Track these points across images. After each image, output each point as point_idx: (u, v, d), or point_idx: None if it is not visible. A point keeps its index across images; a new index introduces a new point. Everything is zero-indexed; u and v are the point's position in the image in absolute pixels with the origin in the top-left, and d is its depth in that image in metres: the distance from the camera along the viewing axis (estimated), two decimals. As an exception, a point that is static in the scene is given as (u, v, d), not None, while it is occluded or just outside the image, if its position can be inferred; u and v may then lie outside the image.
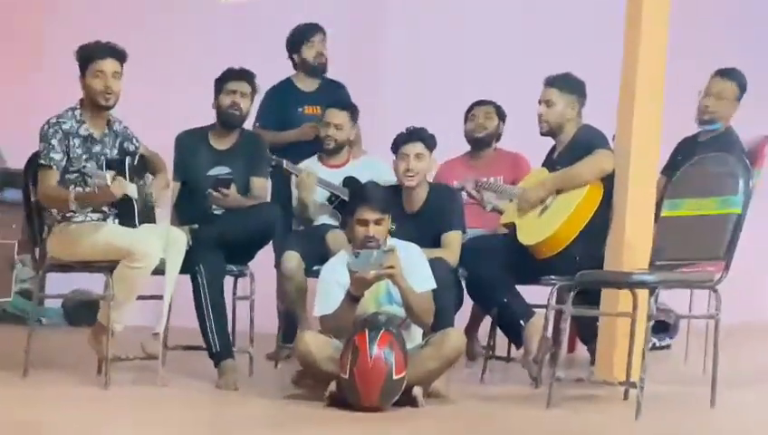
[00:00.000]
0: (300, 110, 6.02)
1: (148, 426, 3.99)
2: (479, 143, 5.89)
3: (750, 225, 4.43)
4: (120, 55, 4.74)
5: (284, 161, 5.54)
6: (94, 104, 4.74)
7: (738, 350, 5.14)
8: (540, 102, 5.24)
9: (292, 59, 6.15)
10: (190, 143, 5.40)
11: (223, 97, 5.34)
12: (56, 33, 7.20)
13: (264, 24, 7.20)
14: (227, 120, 5.36)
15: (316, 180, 5.50)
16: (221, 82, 5.36)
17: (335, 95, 5.97)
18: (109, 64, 4.71)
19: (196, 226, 5.07)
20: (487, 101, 5.94)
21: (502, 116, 5.95)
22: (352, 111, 5.72)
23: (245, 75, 5.37)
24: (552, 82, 5.24)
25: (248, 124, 5.54)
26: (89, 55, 4.72)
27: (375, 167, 5.61)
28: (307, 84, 6.14)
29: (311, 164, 5.67)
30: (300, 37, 6.12)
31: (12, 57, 7.54)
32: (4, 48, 7.56)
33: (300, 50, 6.11)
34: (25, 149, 4.93)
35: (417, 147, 5.13)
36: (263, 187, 5.40)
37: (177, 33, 7.36)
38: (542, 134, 5.28)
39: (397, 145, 5.19)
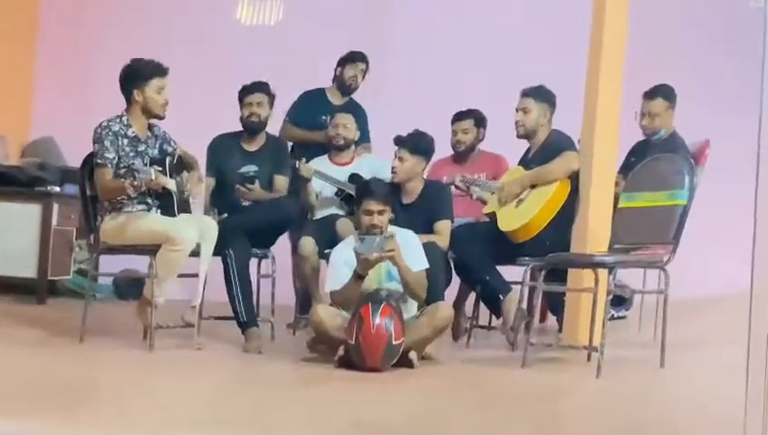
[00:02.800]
0: (324, 118, 5.93)
1: (185, 383, 3.99)
2: (461, 154, 5.79)
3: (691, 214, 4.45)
4: (167, 72, 4.72)
5: (296, 163, 5.49)
6: (149, 114, 4.72)
7: (682, 320, 5.14)
8: (517, 110, 5.23)
9: (335, 72, 6.07)
10: (225, 145, 5.42)
11: (243, 109, 5.39)
12: (107, 50, 7.14)
13: (277, 45, 7.18)
14: (249, 128, 5.39)
15: (313, 171, 5.48)
16: (241, 96, 5.39)
17: (354, 114, 5.86)
18: (165, 82, 4.70)
19: (225, 215, 5.08)
20: (465, 115, 5.77)
21: (481, 123, 5.78)
22: (357, 115, 5.72)
23: (259, 87, 5.39)
24: (528, 92, 5.23)
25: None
26: (152, 72, 4.67)
27: (376, 165, 5.60)
28: (337, 98, 6.06)
29: (320, 162, 5.66)
30: (350, 56, 6.05)
31: (69, 71, 7.52)
32: (63, 63, 7.54)
33: (345, 66, 6.04)
34: (81, 149, 4.93)
35: (401, 151, 5.12)
36: (283, 183, 5.40)
37: (201, 56, 7.30)
38: (519, 137, 5.27)
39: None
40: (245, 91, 5.39)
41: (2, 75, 7.25)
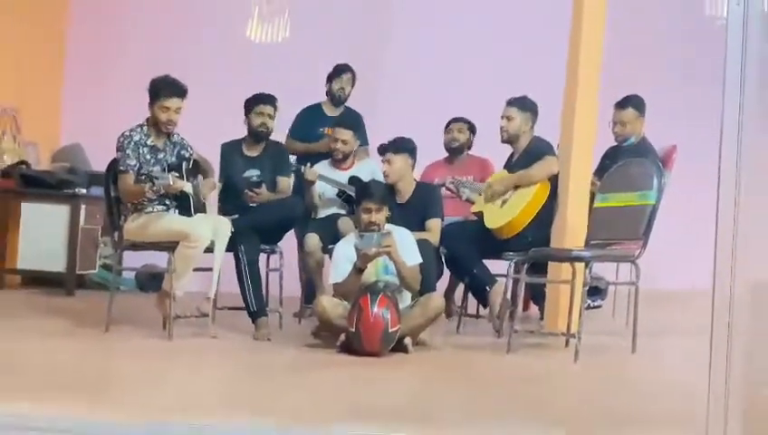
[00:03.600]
0: (321, 129, 5.94)
1: (201, 368, 4.02)
2: (454, 151, 5.84)
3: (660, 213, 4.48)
4: (183, 93, 4.68)
5: (302, 168, 5.52)
6: (157, 128, 4.75)
7: (652, 310, 5.15)
8: (502, 118, 5.22)
9: (326, 87, 6.05)
10: (229, 151, 5.38)
11: (253, 117, 5.29)
12: (130, 65, 7.12)
13: (286, 62, 7.18)
14: (257, 136, 5.33)
15: (317, 174, 5.49)
16: (251, 104, 5.30)
17: (351, 122, 5.84)
18: (173, 102, 4.67)
19: (237, 215, 5.06)
20: (461, 119, 5.87)
21: (472, 129, 5.87)
22: (355, 129, 5.70)
23: (271, 100, 5.34)
24: (512, 102, 5.23)
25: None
26: (157, 91, 4.67)
27: (373, 169, 5.59)
28: (332, 110, 6.03)
29: (323, 166, 5.64)
30: (335, 71, 6.03)
31: (95, 84, 7.49)
32: (90, 76, 7.53)
33: (332, 81, 6.02)
34: (105, 155, 4.91)
35: (387, 155, 5.16)
36: (287, 184, 5.39)
37: (218, 70, 7.28)
38: (503, 142, 5.26)
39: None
40: (258, 101, 5.30)
41: (34, 88, 7.25)
